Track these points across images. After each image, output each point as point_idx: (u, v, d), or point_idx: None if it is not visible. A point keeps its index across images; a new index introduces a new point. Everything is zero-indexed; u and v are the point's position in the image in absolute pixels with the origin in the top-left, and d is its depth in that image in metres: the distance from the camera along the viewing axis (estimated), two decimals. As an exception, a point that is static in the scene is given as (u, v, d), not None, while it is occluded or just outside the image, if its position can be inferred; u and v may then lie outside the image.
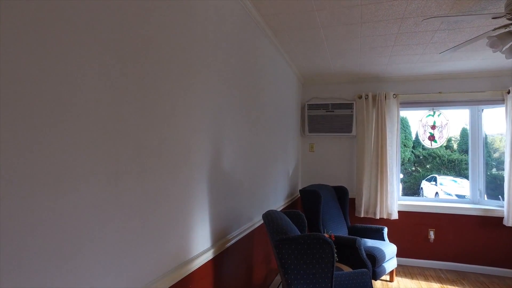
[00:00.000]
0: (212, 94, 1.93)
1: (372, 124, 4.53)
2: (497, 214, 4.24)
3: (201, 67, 1.80)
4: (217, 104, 2.01)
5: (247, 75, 2.56)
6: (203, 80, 1.82)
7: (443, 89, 4.48)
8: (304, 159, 4.98)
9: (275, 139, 3.46)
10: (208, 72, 1.88)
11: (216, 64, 1.99)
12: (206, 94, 1.87)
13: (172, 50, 1.51)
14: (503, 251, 4.23)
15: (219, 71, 2.03)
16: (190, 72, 1.68)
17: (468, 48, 3.41)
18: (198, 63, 1.76)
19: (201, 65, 1.79)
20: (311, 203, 3.76)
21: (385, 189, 4.39)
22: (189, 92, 1.68)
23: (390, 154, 4.44)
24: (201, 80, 1.80)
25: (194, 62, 1.71)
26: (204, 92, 1.83)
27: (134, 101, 1.27)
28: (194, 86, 1.72)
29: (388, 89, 4.59)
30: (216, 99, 2.00)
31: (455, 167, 11.94)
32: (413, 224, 4.52)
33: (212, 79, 1.93)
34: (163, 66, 1.45)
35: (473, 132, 4.58)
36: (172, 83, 1.52)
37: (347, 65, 4.14)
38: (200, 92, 1.79)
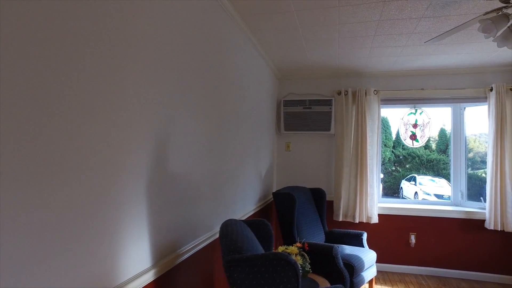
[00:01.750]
0: (158, 83, 1.57)
1: (352, 122, 4.25)
2: (478, 216, 4.06)
3: (140, 51, 1.43)
4: (166, 96, 1.65)
5: (212, 65, 2.21)
6: (143, 66, 1.45)
7: (425, 85, 4.26)
8: (280, 159, 4.66)
9: (246, 137, 3.12)
10: (151, 57, 1.52)
11: (164, 49, 1.62)
12: (149, 82, 1.50)
13: (91, 24, 1.14)
14: (485, 255, 4.06)
15: (169, 57, 1.67)
16: (120, 55, 1.31)
17: (453, 40, 3.17)
18: (135, 47, 1.40)
19: (139, 49, 1.42)
20: (285, 207, 3.44)
21: (365, 191, 4.13)
22: (119, 76, 1.31)
23: (370, 154, 4.18)
24: (140, 66, 1.43)
25: (127, 45, 1.35)
26: (145, 80, 1.47)
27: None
28: (127, 70, 1.35)
29: (369, 85, 4.33)
30: (165, 90, 1.64)
31: (434, 167, 11.99)
32: (393, 228, 4.28)
33: (157, 66, 1.57)
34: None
35: (455, 131, 4.38)
36: (91, 65, 1.15)
37: (325, 58, 3.84)
38: (138, 79, 1.42)
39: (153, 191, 1.57)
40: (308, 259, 2.72)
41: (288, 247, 2.71)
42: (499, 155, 3.86)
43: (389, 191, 12.19)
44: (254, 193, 3.44)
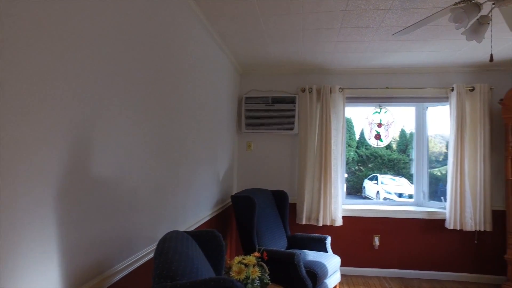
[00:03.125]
0: (79, 70, 1.24)
1: (316, 121, 4.08)
2: (439, 216, 4.05)
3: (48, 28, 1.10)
4: (90, 86, 1.32)
5: (158, 54, 1.89)
6: (53, 44, 1.12)
7: (390, 84, 4.18)
8: (241, 160, 4.40)
9: (202, 136, 2.83)
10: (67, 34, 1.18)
11: (89, 30, 1.29)
12: (63, 67, 1.17)
13: None
14: (444, 255, 4.06)
15: (94, 39, 1.34)
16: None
17: (419, 36, 3.07)
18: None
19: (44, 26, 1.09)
20: (244, 212, 3.18)
21: (329, 193, 3.96)
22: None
23: (335, 154, 4.02)
24: (48, 44, 1.10)
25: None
26: (55, 63, 1.14)
27: None
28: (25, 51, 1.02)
29: (334, 82, 4.17)
30: (89, 79, 1.31)
31: (395, 166, 12.30)
32: (357, 231, 4.16)
33: (77, 47, 1.24)
34: None
35: (418, 131, 4.34)
36: None
37: (289, 52, 3.63)
38: (45, 61, 1.09)
39: (68, 201, 1.24)
40: (268, 269, 2.48)
41: (245, 258, 2.44)
42: (459, 155, 3.85)
43: (353, 190, 12.37)
44: (210, 197, 3.14)
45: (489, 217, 3.85)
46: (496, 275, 3.92)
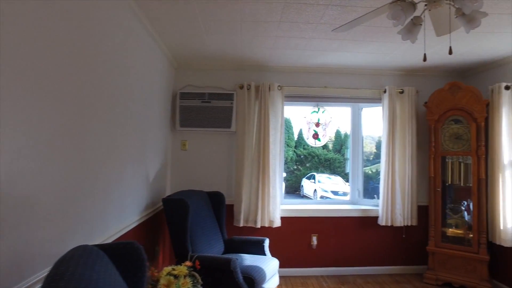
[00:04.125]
0: None
1: (254, 119, 3.95)
2: (373, 213, 4.18)
3: None
4: None
5: (70, 38, 1.56)
6: None
7: (328, 84, 4.21)
8: (175, 160, 4.10)
9: (129, 133, 2.50)
10: None
11: None
12: None
13: None
14: (377, 250, 4.21)
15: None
16: None
17: (357, 36, 3.08)
18: None
19: None
20: (176, 216, 2.92)
21: (267, 193, 3.86)
22: None
23: (273, 153, 3.93)
24: None
25: None
26: None
27: None
28: None
29: (273, 80, 4.08)
30: None
31: (330, 166, 12.82)
32: (296, 231, 4.12)
33: None
34: None
35: (354, 131, 4.45)
36: None
37: (227, 46, 3.44)
38: None
39: None
40: (201, 279, 2.26)
41: (175, 268, 2.20)
42: (391, 154, 4.01)
43: (291, 189, 12.64)
44: (139, 200, 2.82)
45: (415, 212, 4.07)
46: (419, 265, 4.17)
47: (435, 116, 3.83)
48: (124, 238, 2.40)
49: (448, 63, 3.88)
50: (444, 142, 3.87)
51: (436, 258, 3.84)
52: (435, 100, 3.84)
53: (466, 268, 3.68)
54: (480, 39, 3.11)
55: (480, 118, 3.61)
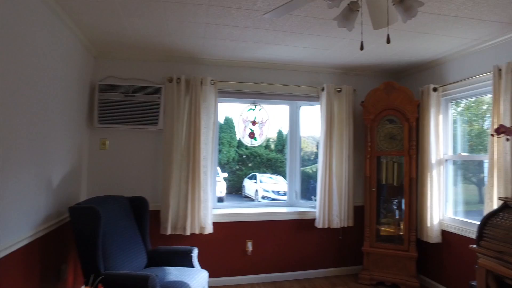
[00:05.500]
0: None
1: (184, 116, 3.58)
2: (310, 216, 4.06)
3: None
4: None
5: None
6: None
7: (265, 79, 3.99)
8: (93, 161, 3.57)
9: (15, 130, 2.00)
10: None
11: None
12: None
13: None
14: (314, 253, 4.10)
15: None
16: None
17: (293, 29, 2.89)
18: None
19: None
20: (85, 227, 2.45)
21: (198, 197, 3.52)
22: None
23: (205, 154, 3.60)
24: None
25: None
26: None
27: None
28: None
29: (206, 74, 3.74)
30: None
31: (272, 165, 12.84)
32: (230, 237, 3.83)
33: None
34: None
35: (291, 130, 4.29)
36: None
37: (151, 33, 3.03)
38: None
39: None
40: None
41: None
42: (328, 154, 3.91)
43: (233, 189, 12.52)
44: (32, 211, 2.30)
45: (351, 213, 4.02)
46: (355, 266, 4.15)
47: (371, 115, 3.81)
48: (6, 261, 1.91)
49: (383, 63, 3.88)
50: (379, 142, 3.86)
51: (371, 258, 3.83)
52: (371, 99, 3.82)
53: (397, 266, 3.71)
54: (412, 39, 3.10)
55: (412, 119, 3.65)
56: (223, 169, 12.32)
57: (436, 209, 3.57)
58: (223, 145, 12.55)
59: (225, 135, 12.20)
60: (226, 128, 12.24)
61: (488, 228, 2.48)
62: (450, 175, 3.68)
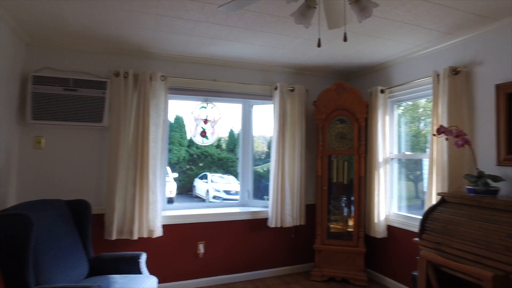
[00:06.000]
0: None
1: (132, 113, 3.36)
2: (262, 215, 4.03)
3: None
4: None
5: None
6: None
7: (218, 77, 3.89)
8: (25, 161, 3.20)
9: None
10: None
11: None
12: None
13: None
14: (266, 253, 4.08)
15: None
16: None
17: (248, 25, 2.83)
18: None
19: None
20: (12, 238, 2.16)
21: (146, 199, 3.32)
22: None
23: (153, 153, 3.41)
24: None
25: None
26: None
27: None
28: None
29: (156, 69, 3.55)
30: None
31: (224, 165, 12.75)
32: (180, 239, 3.67)
33: None
34: None
35: (244, 128, 4.23)
36: None
37: (95, 21, 2.79)
38: None
39: None
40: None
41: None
42: (281, 153, 3.92)
43: (183, 190, 12.30)
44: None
45: (303, 212, 4.07)
46: (307, 263, 4.21)
47: (323, 115, 3.89)
48: None
49: (335, 64, 3.98)
50: (330, 141, 3.95)
51: (322, 255, 3.91)
52: (323, 99, 3.90)
53: (347, 262, 3.83)
54: (363, 42, 3.21)
55: (361, 119, 3.79)
56: (173, 169, 11.99)
57: (382, 206, 3.74)
58: (173, 145, 12.23)
59: (176, 134, 11.89)
60: (177, 127, 11.93)
61: (429, 222, 2.63)
62: (395, 173, 3.88)
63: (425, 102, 3.73)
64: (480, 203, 2.43)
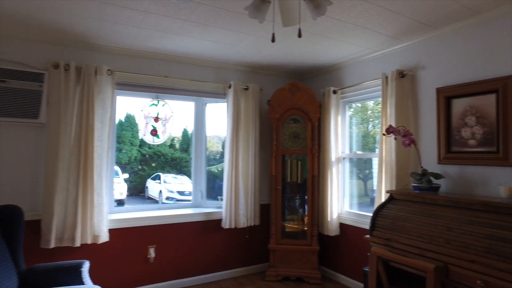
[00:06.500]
0: None
1: (74, 109, 3.09)
2: (216, 216, 3.94)
3: None
4: None
5: None
6: None
7: (170, 73, 3.72)
8: None
9: None
10: None
11: None
12: None
13: None
14: (221, 255, 4.00)
15: None
16: None
17: (201, 20, 2.72)
18: None
19: None
20: None
21: (90, 202, 3.07)
22: None
23: (99, 152, 3.17)
24: None
25: None
26: None
27: None
28: None
29: (102, 62, 3.30)
30: None
31: (177, 165, 12.44)
32: (129, 244, 3.46)
33: None
34: None
35: (197, 127, 4.11)
36: None
37: (28, 5, 2.51)
38: None
39: None
40: None
41: None
42: (235, 153, 3.85)
43: (135, 191, 11.84)
44: None
45: (258, 212, 4.04)
46: (262, 263, 4.19)
47: (276, 114, 3.89)
48: None
49: (289, 63, 3.99)
50: (284, 140, 3.96)
51: (277, 255, 3.91)
52: (277, 98, 3.90)
53: (301, 260, 3.87)
54: (317, 42, 3.24)
55: (315, 118, 3.84)
56: (124, 169, 11.49)
57: (335, 204, 3.83)
58: (124, 144, 11.73)
59: (127, 133, 11.37)
60: (128, 126, 11.41)
61: (379, 219, 2.72)
62: (347, 172, 3.99)
63: (373, 104, 3.88)
64: (424, 200, 2.56)
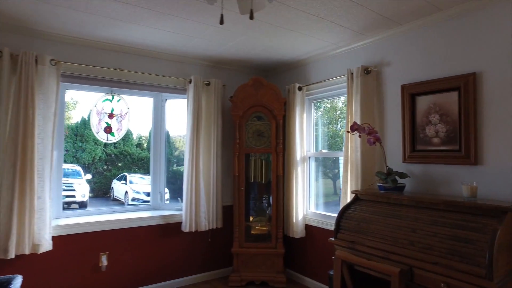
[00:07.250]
0: None
1: (9, 102, 2.75)
2: (176, 219, 3.71)
3: None
4: None
5: None
6: None
7: (124, 65, 3.44)
8: None
9: None
10: None
11: None
12: None
13: None
14: (181, 260, 3.77)
15: None
16: None
17: (155, 6, 2.49)
18: None
19: None
20: None
21: (29, 207, 2.73)
22: None
23: (41, 151, 2.84)
24: None
25: None
26: None
27: None
28: None
29: (43, 51, 2.98)
30: None
31: (144, 165, 12.07)
32: (77, 252, 3.15)
33: None
34: None
35: (156, 125, 3.84)
36: None
37: None
38: None
39: None
40: None
41: None
42: (195, 152, 3.63)
43: (100, 192, 11.42)
44: None
45: (220, 213, 3.84)
46: (225, 268, 4.01)
47: (239, 111, 3.70)
48: None
49: (253, 58, 3.81)
50: (248, 139, 3.78)
51: (240, 259, 3.72)
52: (240, 95, 3.71)
53: (266, 264, 3.71)
54: (280, 35, 3.08)
55: (279, 116, 3.69)
56: (87, 170, 11.01)
57: (300, 205, 3.69)
58: (88, 143, 11.25)
59: (90, 132, 10.87)
60: (87, 124, 10.95)
61: (343, 221, 2.60)
62: (313, 172, 3.87)
63: (342, 105, 3.79)
64: (389, 200, 2.46)
